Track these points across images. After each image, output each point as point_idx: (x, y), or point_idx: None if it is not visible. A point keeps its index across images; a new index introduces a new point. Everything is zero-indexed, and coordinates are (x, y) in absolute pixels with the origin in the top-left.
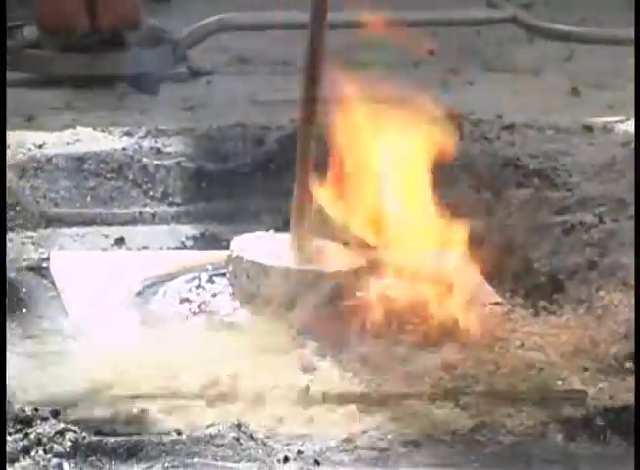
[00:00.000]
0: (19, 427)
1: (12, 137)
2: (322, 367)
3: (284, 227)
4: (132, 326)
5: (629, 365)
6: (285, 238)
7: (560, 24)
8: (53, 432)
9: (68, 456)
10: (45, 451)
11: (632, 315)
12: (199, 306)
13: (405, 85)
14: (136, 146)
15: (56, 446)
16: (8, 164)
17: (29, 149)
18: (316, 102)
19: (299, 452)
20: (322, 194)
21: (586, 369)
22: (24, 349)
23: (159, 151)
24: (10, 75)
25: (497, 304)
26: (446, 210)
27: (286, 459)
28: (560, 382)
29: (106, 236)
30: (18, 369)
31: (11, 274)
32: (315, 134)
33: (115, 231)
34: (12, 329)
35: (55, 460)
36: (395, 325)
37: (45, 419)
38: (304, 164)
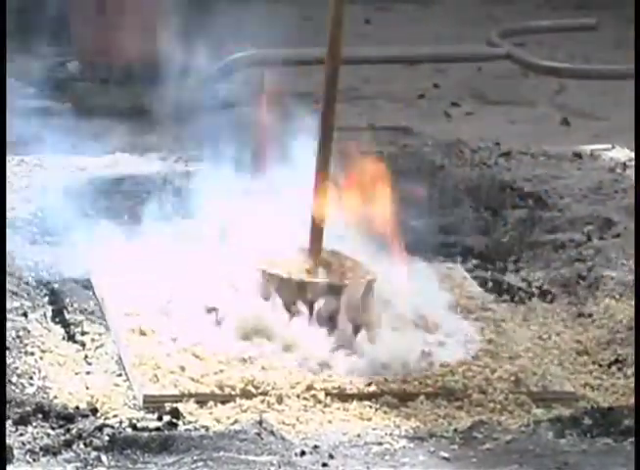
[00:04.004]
0: (61, 423)
1: (58, 161)
2: (335, 370)
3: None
4: (166, 332)
5: (614, 369)
6: (305, 252)
7: (551, 61)
8: (92, 427)
9: (106, 450)
10: (85, 445)
11: (616, 325)
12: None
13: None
14: (169, 169)
15: (95, 440)
16: (54, 186)
17: (72, 171)
18: (332, 129)
19: (315, 447)
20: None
21: (574, 373)
22: (65, 351)
23: (189, 174)
24: (56, 105)
25: (493, 311)
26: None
27: (303, 453)
28: (551, 384)
29: (142, 250)
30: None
31: (55, 285)
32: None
33: (150, 245)
34: (55, 333)
35: (94, 453)
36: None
37: (85, 416)
38: (321, 186)
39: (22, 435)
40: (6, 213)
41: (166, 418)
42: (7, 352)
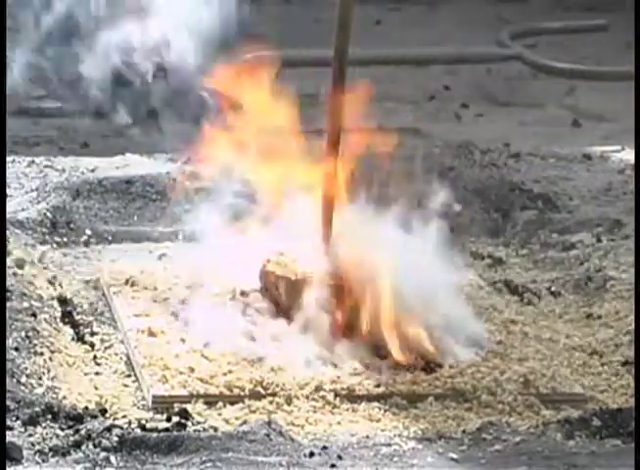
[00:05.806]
0: (70, 423)
1: (67, 162)
2: (344, 370)
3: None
4: (176, 332)
5: (623, 371)
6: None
7: (561, 62)
8: (101, 428)
9: (115, 450)
10: (94, 446)
11: (626, 326)
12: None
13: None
14: (179, 170)
15: (104, 440)
16: (63, 186)
17: (83, 173)
18: (340, 125)
19: (324, 448)
20: None
21: (583, 374)
22: (74, 352)
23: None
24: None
25: (502, 312)
26: None
27: (312, 454)
28: (560, 385)
29: (150, 252)
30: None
31: (65, 285)
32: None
33: (159, 247)
34: (65, 334)
35: (103, 454)
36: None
37: (94, 416)
38: (328, 194)
39: (31, 435)
40: (6, 214)
41: (175, 419)
42: (16, 353)
